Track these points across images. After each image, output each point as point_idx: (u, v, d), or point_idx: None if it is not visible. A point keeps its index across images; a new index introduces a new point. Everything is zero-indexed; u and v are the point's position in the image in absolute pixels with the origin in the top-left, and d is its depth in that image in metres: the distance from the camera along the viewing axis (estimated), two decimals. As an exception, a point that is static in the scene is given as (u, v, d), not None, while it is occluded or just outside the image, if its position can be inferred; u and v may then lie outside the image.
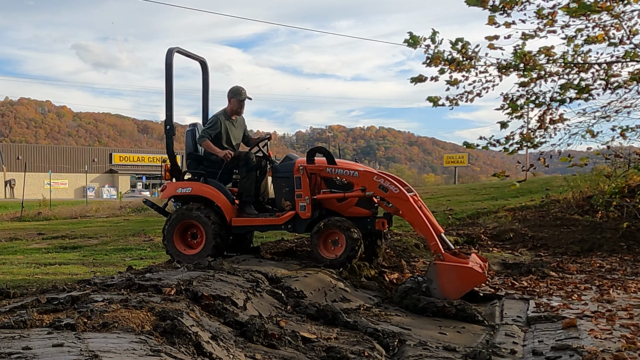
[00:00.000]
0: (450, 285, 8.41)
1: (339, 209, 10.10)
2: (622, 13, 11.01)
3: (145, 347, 4.10)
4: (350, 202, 10.04)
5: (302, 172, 10.08)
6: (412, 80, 11.94)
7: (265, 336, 5.33)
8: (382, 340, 5.93)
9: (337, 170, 10.05)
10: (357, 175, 9.85)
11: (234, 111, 11.14)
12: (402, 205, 9.44)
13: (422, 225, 9.20)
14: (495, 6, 11.07)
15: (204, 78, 12.45)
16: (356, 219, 9.93)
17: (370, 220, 10.05)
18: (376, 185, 9.60)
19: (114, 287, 6.21)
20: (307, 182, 10.08)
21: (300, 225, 10.21)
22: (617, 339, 6.25)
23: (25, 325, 4.53)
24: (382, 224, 10.04)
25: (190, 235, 10.67)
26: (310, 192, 10.08)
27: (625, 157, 12.99)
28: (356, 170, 9.94)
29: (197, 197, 10.63)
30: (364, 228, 9.95)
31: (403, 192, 9.40)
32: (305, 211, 10.05)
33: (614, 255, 12.62)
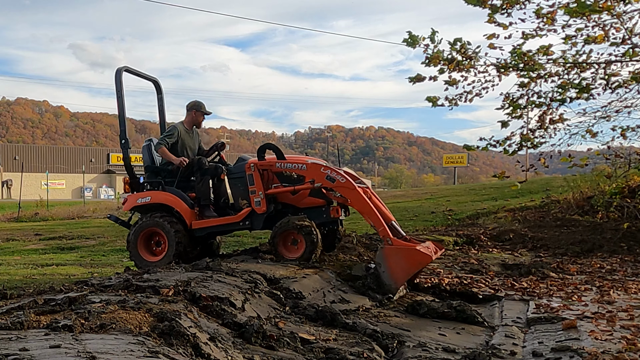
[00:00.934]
0: (398, 267, 8.80)
1: (294, 201, 10.48)
2: (623, 13, 10.99)
3: (143, 348, 4.07)
4: (303, 194, 10.39)
5: (254, 169, 10.46)
6: (411, 80, 11.93)
7: (263, 337, 5.30)
8: (381, 342, 5.90)
9: (286, 164, 10.42)
10: (306, 168, 10.25)
11: (192, 123, 11.58)
12: (349, 194, 9.79)
13: (370, 213, 9.47)
14: (495, 5, 11.06)
15: (159, 97, 12.73)
16: (311, 209, 10.34)
17: (325, 209, 10.33)
18: (324, 176, 9.95)
19: (111, 288, 6.18)
20: (260, 178, 10.46)
21: (257, 221, 10.58)
22: (617, 340, 6.23)
23: (22, 327, 4.50)
24: (337, 211, 10.28)
25: (155, 243, 10.95)
26: (264, 188, 10.44)
27: (625, 158, 13.00)
28: (304, 163, 10.34)
29: (157, 205, 10.95)
30: (320, 217, 10.28)
31: (349, 181, 9.76)
32: (261, 206, 10.41)
33: (615, 256, 12.62)
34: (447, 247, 13.35)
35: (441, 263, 11.73)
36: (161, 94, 12.66)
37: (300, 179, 10.38)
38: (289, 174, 10.47)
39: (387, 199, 29.60)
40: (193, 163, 11.06)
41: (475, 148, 11.89)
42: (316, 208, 10.38)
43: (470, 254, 12.76)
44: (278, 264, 8.96)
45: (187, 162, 11.04)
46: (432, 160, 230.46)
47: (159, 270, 7.70)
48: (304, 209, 10.38)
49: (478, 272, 11.01)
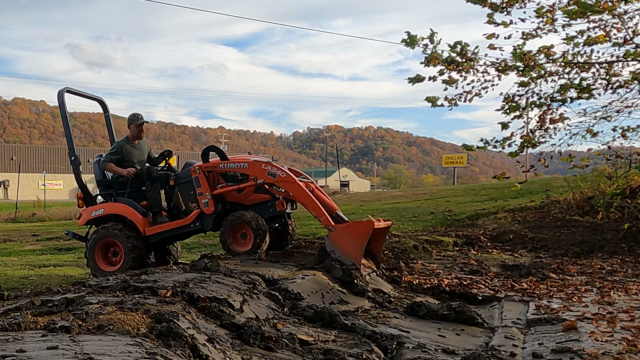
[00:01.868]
0: (348, 245, 9.40)
1: (241, 199, 10.86)
2: (623, 13, 10.97)
3: (140, 349, 4.06)
4: (249, 191, 10.78)
5: (199, 172, 10.88)
6: (410, 81, 11.91)
7: (262, 339, 5.28)
8: (381, 343, 5.88)
9: (229, 164, 10.89)
10: (247, 166, 10.71)
11: (135, 136, 11.86)
12: (290, 188, 10.29)
13: (311, 204, 10.06)
14: (496, 4, 11.03)
15: (105, 115, 13.37)
16: (258, 205, 10.75)
17: (271, 204, 10.74)
18: (265, 172, 10.45)
19: (109, 289, 6.17)
20: (205, 180, 10.87)
21: (207, 222, 10.94)
22: (618, 341, 6.23)
23: (20, 328, 4.49)
24: (282, 204, 10.68)
25: (112, 254, 11.28)
26: (210, 189, 10.86)
27: (626, 158, 12.99)
28: (246, 161, 10.79)
29: (111, 216, 11.32)
30: (267, 212, 10.70)
31: (290, 175, 10.29)
32: (209, 207, 10.81)
33: (615, 256, 12.59)
34: (447, 248, 13.33)
35: (440, 264, 11.71)
36: (107, 112, 13.29)
37: (245, 178, 10.80)
38: (233, 174, 10.93)
39: (386, 199, 29.63)
40: (142, 173, 11.40)
41: (475, 148, 11.87)
42: (263, 203, 10.78)
43: (469, 255, 12.73)
44: (277, 264, 8.95)
45: (135, 172, 11.40)
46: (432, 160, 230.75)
47: (156, 271, 7.69)
48: (251, 205, 10.77)
49: (478, 273, 10.99)
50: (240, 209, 10.70)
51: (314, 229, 18.51)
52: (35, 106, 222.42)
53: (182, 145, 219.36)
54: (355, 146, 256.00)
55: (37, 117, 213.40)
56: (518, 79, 11.70)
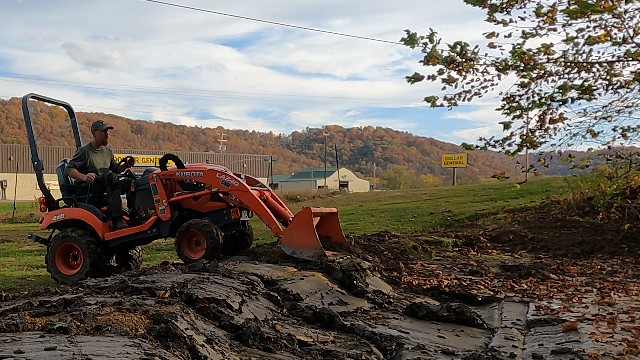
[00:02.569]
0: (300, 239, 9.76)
1: (197, 206, 11.19)
2: (624, 12, 10.95)
3: (139, 350, 4.04)
4: (205, 199, 11.10)
5: (157, 180, 11.20)
6: (410, 79, 11.88)
7: (260, 340, 5.26)
8: (380, 344, 5.86)
9: (185, 173, 11.24)
10: (202, 174, 11.07)
11: (99, 142, 12.23)
12: (243, 196, 10.61)
13: (262, 213, 10.43)
14: (495, 5, 11.01)
15: (72, 120, 13.75)
16: (214, 213, 11.06)
17: (226, 212, 11.01)
18: (219, 181, 10.77)
19: (107, 290, 6.15)
20: (162, 187, 11.19)
21: (164, 228, 11.26)
22: (618, 342, 6.21)
23: (17, 329, 4.45)
24: (236, 213, 10.96)
25: (72, 257, 11.56)
26: (167, 196, 11.18)
27: (626, 158, 12.99)
28: (201, 170, 11.14)
29: (72, 220, 11.63)
30: (222, 219, 10.99)
31: (243, 184, 10.61)
32: (165, 213, 11.11)
33: (615, 257, 12.57)
34: (446, 249, 13.33)
35: (440, 265, 11.71)
36: (74, 117, 13.70)
37: (200, 186, 11.15)
38: (190, 182, 11.28)
39: (385, 199, 29.61)
40: (104, 179, 11.74)
41: (474, 148, 11.86)
42: (218, 211, 11.08)
43: (469, 256, 12.72)
44: (275, 265, 8.92)
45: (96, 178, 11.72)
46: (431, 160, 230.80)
47: (155, 272, 7.68)
48: (207, 213, 11.09)
49: (477, 273, 10.98)
50: (197, 216, 11.03)
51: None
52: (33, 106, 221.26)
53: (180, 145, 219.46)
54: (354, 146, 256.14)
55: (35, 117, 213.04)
56: (518, 78, 11.69)
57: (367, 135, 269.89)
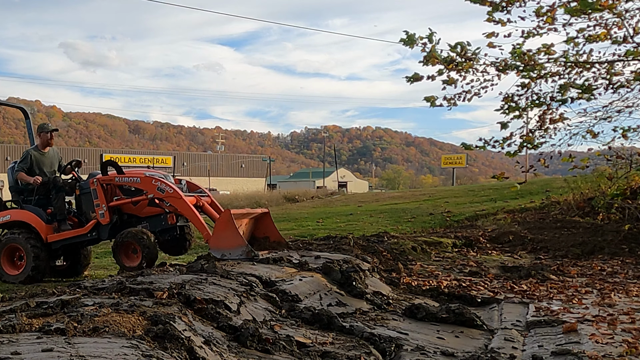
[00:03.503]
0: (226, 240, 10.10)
1: (136, 211, 11.63)
2: (624, 11, 10.93)
3: (136, 352, 4.02)
4: (143, 204, 11.52)
5: (97, 184, 11.60)
6: (409, 80, 11.84)
7: (259, 341, 5.24)
8: (379, 345, 5.84)
9: (124, 178, 11.70)
10: (140, 181, 11.51)
11: (44, 144, 12.54)
12: (176, 203, 11.02)
13: (194, 219, 10.93)
14: (495, 3, 10.99)
15: (27, 123, 14.18)
16: (152, 217, 11.49)
17: (163, 217, 11.44)
18: (155, 188, 11.19)
19: (104, 291, 6.13)
20: (102, 192, 11.58)
21: (103, 231, 11.69)
22: (618, 343, 6.19)
23: (14, 330, 4.43)
24: (173, 218, 11.39)
25: (18, 258, 11.83)
26: (107, 200, 11.57)
27: (627, 158, 12.97)
28: (139, 176, 11.60)
29: (17, 222, 12.02)
30: (160, 224, 11.45)
31: (177, 191, 11.01)
32: (105, 217, 11.52)
33: (616, 258, 12.53)
34: (446, 250, 13.30)
35: (439, 265, 11.69)
36: (29, 119, 14.14)
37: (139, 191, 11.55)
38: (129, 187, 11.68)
39: (384, 200, 29.58)
40: (49, 182, 12.06)
41: (474, 148, 11.84)
42: (156, 216, 11.51)
43: (469, 256, 12.69)
44: (274, 266, 8.91)
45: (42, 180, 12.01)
46: (431, 161, 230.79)
47: (153, 273, 7.66)
48: (145, 217, 11.55)
49: (477, 274, 10.95)
50: (136, 220, 11.52)
51: (312, 230, 18.50)
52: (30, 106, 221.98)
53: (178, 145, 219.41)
54: (353, 146, 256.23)
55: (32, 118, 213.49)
56: (518, 78, 11.67)
57: (366, 135, 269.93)
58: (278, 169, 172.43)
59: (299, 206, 30.86)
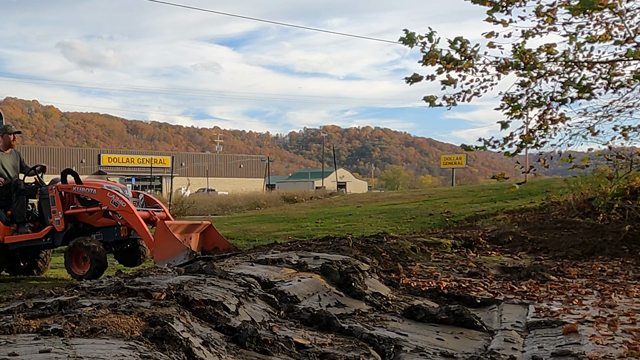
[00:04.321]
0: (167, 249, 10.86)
1: (91, 220, 12.07)
2: (625, 10, 10.91)
3: (134, 353, 3.99)
4: (99, 215, 11.96)
5: (55, 192, 12.00)
6: (408, 80, 11.79)
7: (257, 342, 5.21)
8: (378, 346, 5.81)
9: (81, 188, 12.10)
10: (95, 192, 11.94)
11: (6, 145, 12.89)
12: (127, 217, 11.52)
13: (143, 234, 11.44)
14: (495, 2, 10.96)
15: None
16: (106, 228, 11.98)
17: (116, 229, 11.94)
18: (109, 200, 11.66)
19: (102, 292, 6.09)
20: (59, 199, 11.95)
21: (58, 238, 12.06)
22: (619, 345, 6.16)
23: (11, 331, 4.40)
24: (125, 231, 11.89)
25: None
26: (64, 208, 11.97)
27: (627, 158, 12.94)
28: (95, 188, 12.01)
29: None
30: (113, 236, 11.96)
31: (129, 206, 11.46)
32: (60, 225, 11.88)
33: (616, 258, 12.49)
34: (445, 250, 13.28)
35: (439, 266, 11.65)
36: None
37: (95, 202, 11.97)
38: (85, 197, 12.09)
39: (383, 200, 29.63)
40: (10, 184, 12.46)
41: (474, 149, 11.81)
42: (110, 227, 11.99)
43: (468, 257, 12.67)
44: (272, 266, 8.88)
45: (4, 182, 12.40)
46: (430, 161, 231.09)
47: (151, 274, 7.64)
48: (99, 228, 12.02)
49: (477, 275, 10.92)
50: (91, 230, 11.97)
51: (311, 230, 18.51)
52: (27, 106, 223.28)
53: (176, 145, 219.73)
54: (352, 147, 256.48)
55: (29, 117, 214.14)
56: (518, 78, 11.64)
57: (365, 135, 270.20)
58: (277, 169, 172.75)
59: (297, 206, 30.90)
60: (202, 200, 40.23)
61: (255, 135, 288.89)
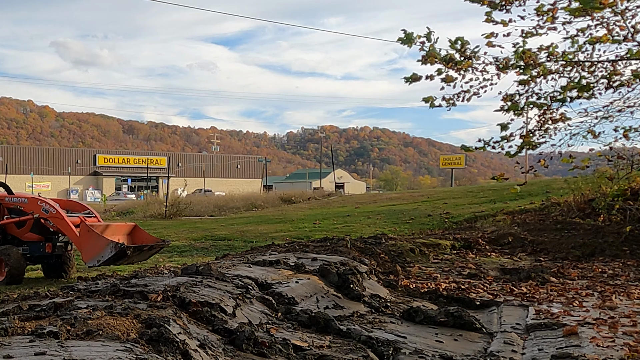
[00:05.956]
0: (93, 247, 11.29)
1: (19, 234, 12.39)
2: (625, 10, 10.87)
3: (130, 355, 3.98)
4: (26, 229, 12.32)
5: None
6: (407, 80, 11.72)
7: (255, 344, 5.19)
8: (377, 349, 5.78)
9: (13, 199, 12.55)
10: (27, 201, 12.37)
11: None
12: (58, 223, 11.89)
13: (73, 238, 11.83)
14: (494, 2, 10.92)
15: None
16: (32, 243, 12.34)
17: (42, 244, 12.30)
18: (40, 208, 12.02)
19: (98, 294, 6.07)
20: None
21: None
22: (619, 347, 6.14)
23: (7, 333, 4.38)
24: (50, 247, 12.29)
25: None
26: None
27: (628, 159, 12.90)
28: (26, 197, 12.61)
29: None
30: (38, 250, 12.33)
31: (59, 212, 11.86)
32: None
33: (617, 260, 12.51)
34: (444, 252, 13.26)
35: (438, 268, 11.64)
36: None
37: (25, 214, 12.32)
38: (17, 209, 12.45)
39: (382, 201, 29.65)
40: None
41: (473, 149, 11.78)
42: (36, 243, 12.36)
43: (468, 258, 12.66)
44: (270, 268, 8.85)
45: None
46: (429, 161, 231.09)
47: (147, 275, 7.61)
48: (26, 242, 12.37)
49: (476, 277, 10.89)
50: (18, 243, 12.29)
51: (308, 231, 18.49)
52: (22, 106, 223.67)
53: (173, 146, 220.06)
54: (350, 147, 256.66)
55: (24, 117, 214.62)
56: (517, 77, 11.60)
57: (363, 135, 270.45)
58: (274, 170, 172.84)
59: (295, 207, 30.92)
60: (199, 201, 40.17)
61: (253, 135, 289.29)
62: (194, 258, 14.55)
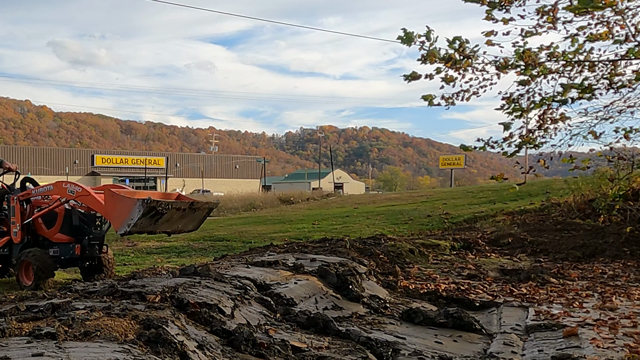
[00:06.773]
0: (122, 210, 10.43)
1: (49, 235, 11.87)
2: (626, 9, 10.86)
3: (128, 356, 3.98)
4: (56, 228, 11.82)
5: (16, 202, 11.87)
6: (407, 78, 11.71)
7: (253, 345, 5.18)
8: (376, 350, 5.76)
9: (39, 189, 12.03)
10: (52, 188, 11.80)
11: None
12: (86, 200, 11.33)
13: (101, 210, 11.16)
14: (494, 2, 10.91)
15: None
16: (62, 245, 11.82)
17: (72, 246, 11.75)
18: (66, 190, 11.46)
19: (96, 295, 6.07)
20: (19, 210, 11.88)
21: (15, 250, 11.90)
22: (620, 348, 6.10)
23: (4, 334, 4.38)
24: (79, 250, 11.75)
25: None
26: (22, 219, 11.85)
27: (628, 159, 12.90)
28: (51, 184, 11.98)
29: None
30: (69, 252, 11.78)
31: (84, 188, 11.31)
32: (17, 237, 11.79)
33: (617, 260, 12.46)
34: (444, 252, 13.24)
35: (437, 268, 11.61)
36: None
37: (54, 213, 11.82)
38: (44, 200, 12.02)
39: (381, 201, 29.64)
40: None
41: (473, 149, 11.77)
42: (66, 244, 11.82)
43: (467, 259, 12.63)
44: (269, 269, 8.83)
45: None
46: (428, 161, 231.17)
47: (145, 276, 7.60)
48: (57, 243, 11.84)
49: (476, 277, 10.87)
50: (49, 244, 11.80)
51: (307, 232, 18.48)
52: (20, 106, 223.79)
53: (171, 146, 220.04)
54: (349, 147, 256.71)
55: (22, 117, 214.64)
56: (517, 77, 11.59)
57: (362, 135, 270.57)
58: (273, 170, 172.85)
59: (294, 208, 30.90)
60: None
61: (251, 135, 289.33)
62: (192, 259, 14.53)
